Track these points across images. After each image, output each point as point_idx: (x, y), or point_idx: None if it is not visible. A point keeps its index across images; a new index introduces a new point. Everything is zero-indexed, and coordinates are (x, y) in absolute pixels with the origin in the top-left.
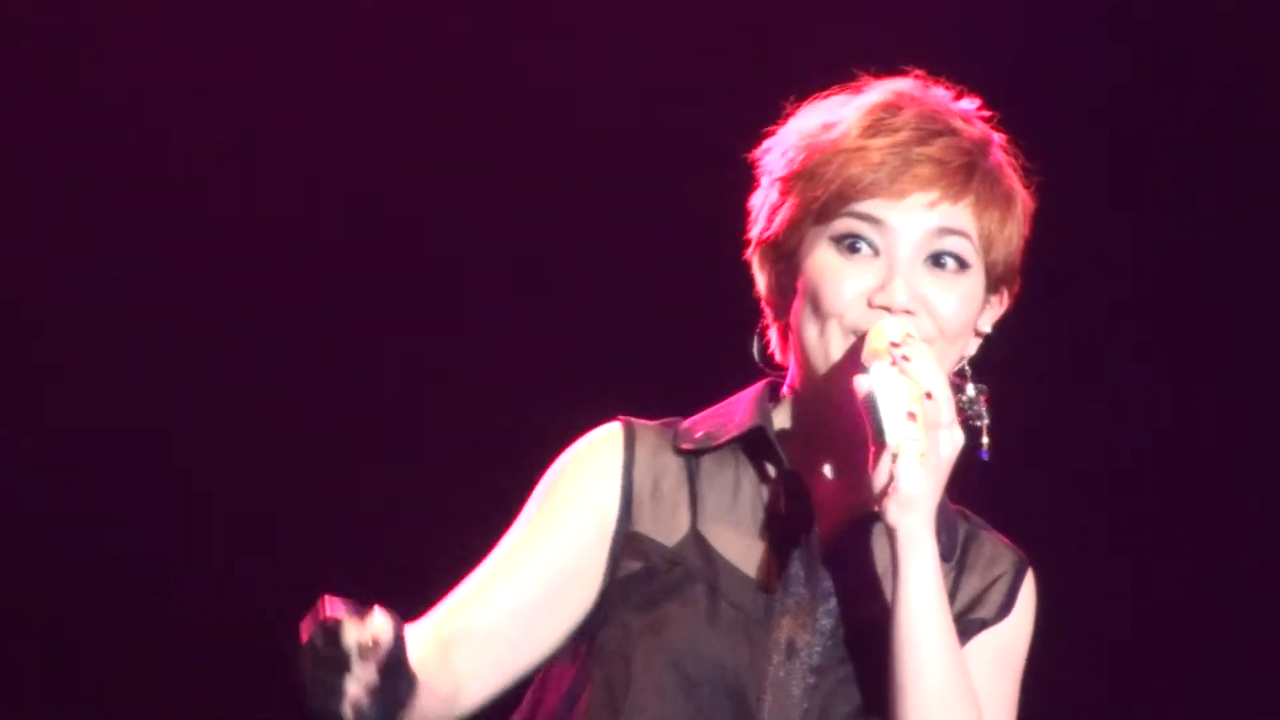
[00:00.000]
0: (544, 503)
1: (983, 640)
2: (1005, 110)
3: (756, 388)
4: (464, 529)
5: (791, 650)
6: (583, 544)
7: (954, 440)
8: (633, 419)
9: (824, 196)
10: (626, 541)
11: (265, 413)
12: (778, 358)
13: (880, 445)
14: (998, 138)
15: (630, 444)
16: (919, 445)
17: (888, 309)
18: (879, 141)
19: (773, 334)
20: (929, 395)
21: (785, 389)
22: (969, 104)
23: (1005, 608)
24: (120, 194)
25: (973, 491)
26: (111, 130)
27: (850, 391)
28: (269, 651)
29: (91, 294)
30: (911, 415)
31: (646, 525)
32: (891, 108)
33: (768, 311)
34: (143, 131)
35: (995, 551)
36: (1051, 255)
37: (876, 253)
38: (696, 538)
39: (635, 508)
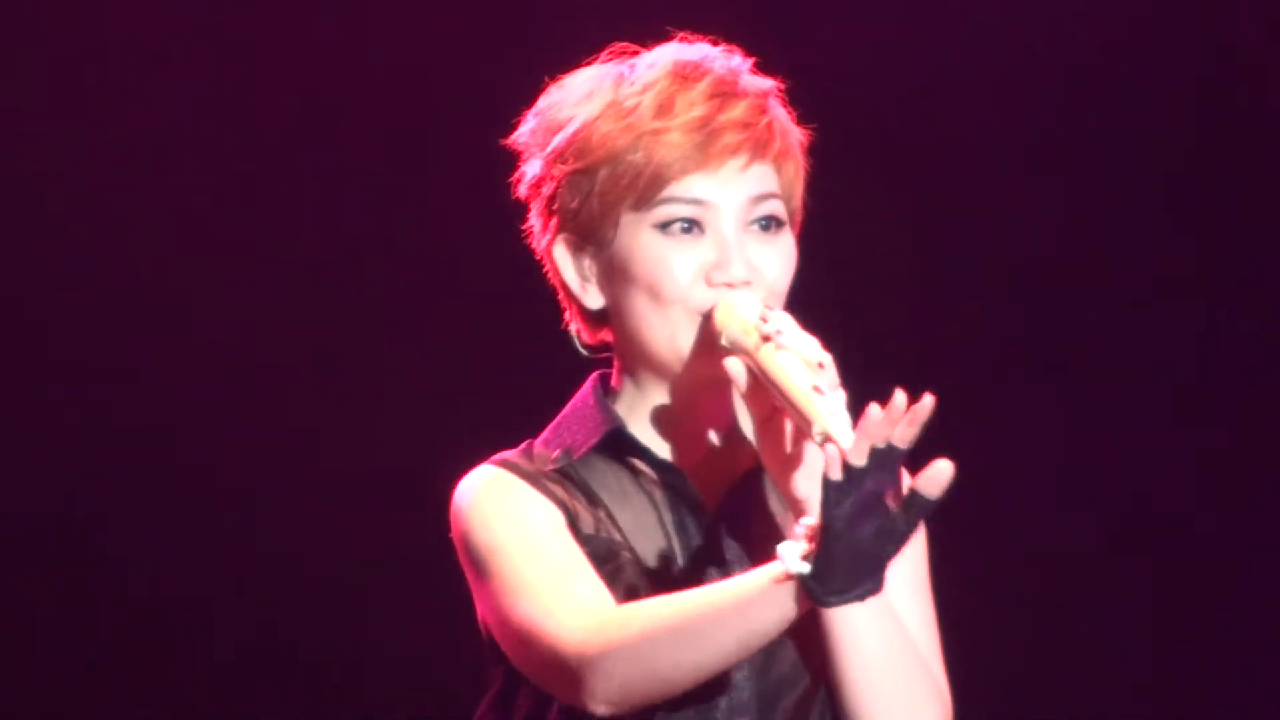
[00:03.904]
0: (511, 529)
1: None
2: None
3: (589, 389)
4: None
5: None
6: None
7: (843, 398)
8: (503, 455)
9: (638, 184)
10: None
11: None
12: (587, 339)
13: (767, 420)
14: (772, 85)
15: (522, 475)
16: (842, 416)
17: (729, 285)
18: (681, 119)
19: (575, 323)
20: (820, 365)
21: (616, 379)
22: (738, 59)
23: None
24: None
25: None
26: None
27: (711, 373)
28: None
29: None
30: (818, 389)
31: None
32: (679, 79)
33: (569, 300)
34: None
35: None
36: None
37: (703, 230)
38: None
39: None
